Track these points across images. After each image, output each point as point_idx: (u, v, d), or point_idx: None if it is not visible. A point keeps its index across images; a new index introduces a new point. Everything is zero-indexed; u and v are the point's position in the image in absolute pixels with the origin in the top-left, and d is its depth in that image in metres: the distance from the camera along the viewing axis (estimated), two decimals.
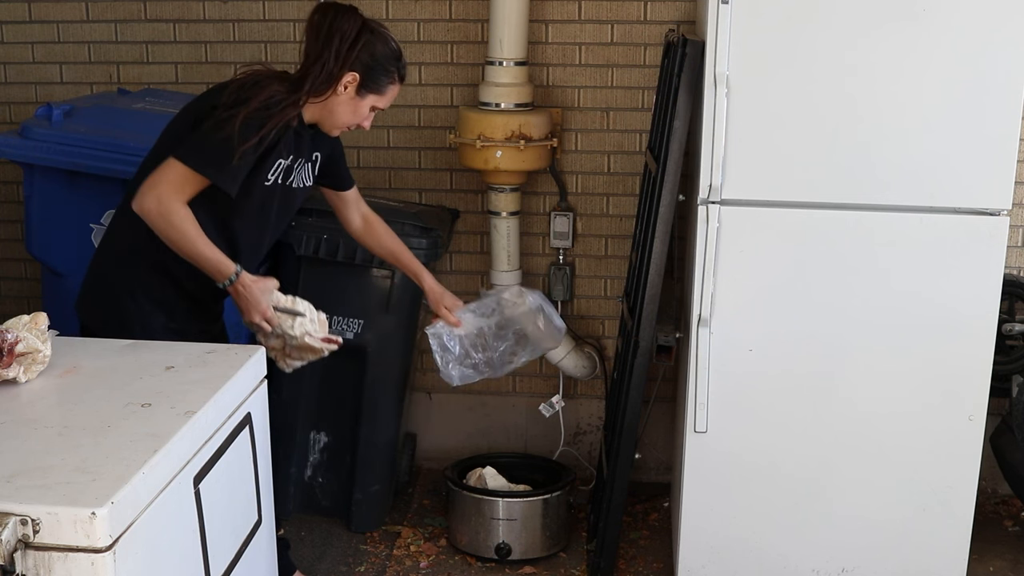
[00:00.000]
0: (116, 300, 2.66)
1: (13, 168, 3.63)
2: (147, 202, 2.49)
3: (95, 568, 1.59)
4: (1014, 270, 3.82)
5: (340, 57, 2.57)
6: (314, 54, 2.58)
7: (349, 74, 2.60)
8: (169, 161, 2.50)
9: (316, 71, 2.57)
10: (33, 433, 1.85)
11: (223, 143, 2.47)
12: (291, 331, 2.67)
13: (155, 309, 2.66)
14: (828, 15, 2.88)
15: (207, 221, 2.57)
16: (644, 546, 3.65)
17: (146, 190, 2.50)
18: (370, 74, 2.62)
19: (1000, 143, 2.90)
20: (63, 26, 3.98)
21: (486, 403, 4.12)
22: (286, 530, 3.57)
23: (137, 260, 2.64)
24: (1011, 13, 2.81)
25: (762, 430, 3.12)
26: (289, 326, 2.67)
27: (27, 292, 4.15)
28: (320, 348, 2.72)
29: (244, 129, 2.48)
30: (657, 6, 3.76)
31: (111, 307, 2.67)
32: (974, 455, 3.08)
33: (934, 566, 3.17)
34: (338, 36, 2.57)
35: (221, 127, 2.47)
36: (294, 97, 2.57)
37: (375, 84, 2.64)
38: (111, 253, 2.70)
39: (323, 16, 2.60)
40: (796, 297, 3.04)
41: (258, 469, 2.27)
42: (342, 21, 2.58)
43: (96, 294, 2.70)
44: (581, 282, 4.01)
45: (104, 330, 2.58)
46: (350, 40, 2.57)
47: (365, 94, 2.64)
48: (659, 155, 3.18)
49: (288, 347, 2.72)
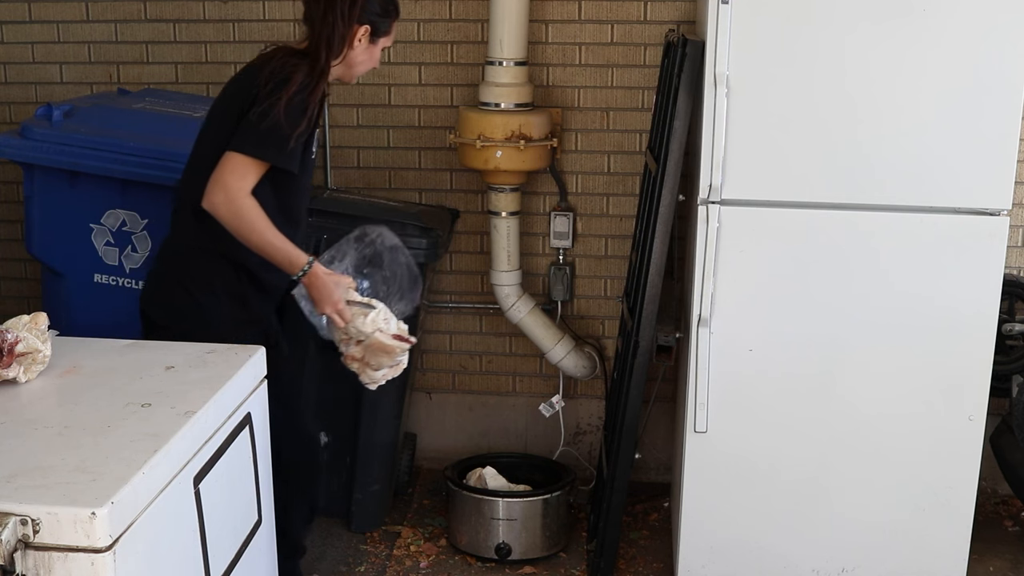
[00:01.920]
0: (192, 294, 2.69)
1: (13, 168, 3.63)
2: (216, 200, 2.55)
3: (95, 568, 1.59)
4: (1014, 270, 3.82)
5: (346, 16, 2.66)
6: (320, 20, 2.65)
7: (359, 28, 2.69)
8: (228, 156, 2.55)
9: (329, 37, 2.64)
10: (33, 433, 1.86)
11: (275, 127, 2.54)
12: (363, 327, 2.67)
13: (231, 301, 2.71)
14: (828, 15, 2.88)
15: (270, 206, 2.63)
16: (644, 546, 3.65)
17: (213, 188, 2.55)
18: (377, 21, 2.73)
19: (1000, 143, 2.90)
20: (63, 26, 3.98)
21: (486, 403, 4.12)
22: None
23: (211, 255, 2.68)
24: (1011, 13, 2.81)
25: (762, 430, 3.12)
26: (361, 322, 2.68)
27: (27, 292, 4.15)
28: (392, 346, 2.71)
29: (289, 112, 2.55)
30: (657, 6, 3.76)
31: (187, 302, 2.69)
32: (974, 455, 3.08)
33: (934, 566, 3.17)
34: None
35: (268, 113, 2.54)
36: (319, 68, 2.64)
37: (383, 27, 2.76)
38: (181, 250, 2.72)
39: None
40: (796, 297, 3.04)
41: (258, 469, 2.27)
42: None
43: (170, 290, 2.71)
44: (581, 282, 4.01)
45: (179, 323, 2.65)
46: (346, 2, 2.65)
47: (376, 39, 2.76)
48: (659, 155, 3.18)
49: (367, 354, 2.72)
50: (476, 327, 4.04)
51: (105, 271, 3.30)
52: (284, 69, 2.59)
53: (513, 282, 3.87)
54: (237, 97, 2.64)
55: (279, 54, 2.65)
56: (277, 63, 2.60)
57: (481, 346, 4.08)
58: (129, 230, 3.26)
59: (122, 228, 3.26)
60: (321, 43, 2.64)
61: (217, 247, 2.65)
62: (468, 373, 4.12)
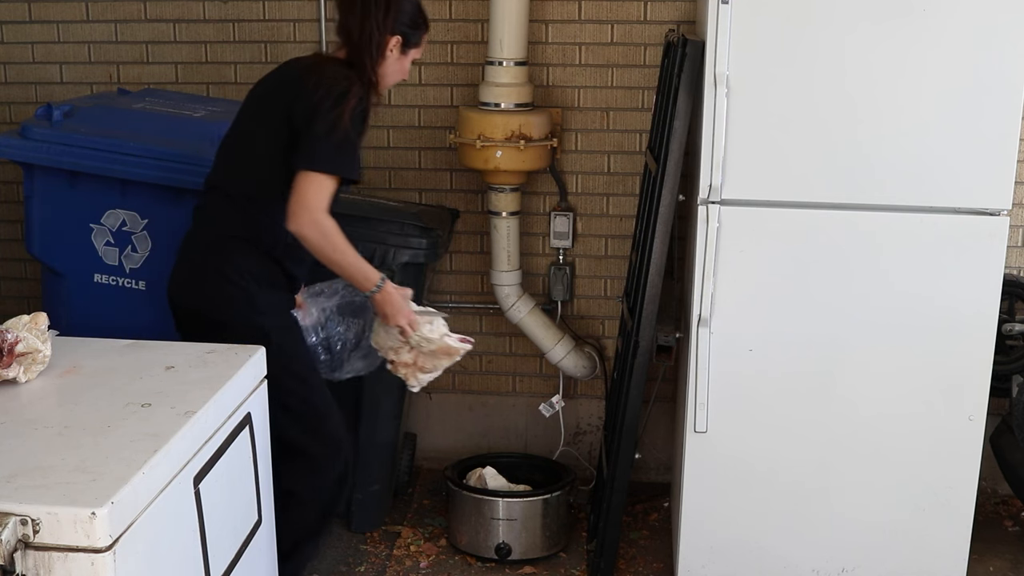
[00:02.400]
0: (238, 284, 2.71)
1: (13, 168, 3.63)
2: (302, 222, 2.61)
3: (95, 568, 1.59)
4: (1014, 270, 3.82)
5: (380, 26, 2.71)
6: (358, 30, 2.71)
7: (392, 38, 2.75)
8: (305, 176, 2.60)
9: (367, 46, 2.71)
10: (33, 433, 1.86)
11: (344, 140, 2.62)
12: (430, 334, 2.80)
13: (272, 291, 2.76)
14: (828, 15, 2.88)
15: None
16: (644, 546, 3.65)
17: (298, 211, 2.60)
18: (408, 33, 2.79)
19: (1000, 143, 2.90)
20: (63, 26, 3.98)
21: (486, 403, 4.13)
22: None
23: (252, 245, 2.72)
24: (1011, 13, 2.81)
25: (762, 430, 3.12)
26: (428, 329, 2.80)
27: (27, 292, 4.15)
28: (459, 348, 2.86)
29: (354, 123, 2.63)
30: (657, 6, 3.76)
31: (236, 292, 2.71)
32: (974, 455, 3.08)
33: (934, 566, 3.17)
34: (372, 7, 2.70)
35: (335, 127, 2.60)
36: (367, 77, 2.71)
37: (414, 39, 2.82)
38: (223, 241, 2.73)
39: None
40: (796, 297, 3.04)
41: (258, 469, 2.27)
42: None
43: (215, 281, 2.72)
44: (581, 282, 4.01)
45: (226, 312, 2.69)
46: (383, 8, 2.71)
47: (407, 50, 2.81)
48: (659, 155, 3.18)
49: (420, 358, 2.84)
50: (476, 327, 4.04)
51: (105, 271, 3.30)
52: (339, 81, 2.64)
53: (513, 282, 3.87)
54: (282, 101, 2.68)
55: (325, 65, 2.71)
56: (329, 75, 2.65)
57: (481, 346, 4.07)
58: (129, 230, 3.26)
59: (122, 228, 3.26)
60: (364, 53, 2.71)
61: (257, 239, 2.70)
62: (468, 373, 4.12)
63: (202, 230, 2.80)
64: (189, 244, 2.82)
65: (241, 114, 2.82)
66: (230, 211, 2.73)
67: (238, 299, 2.70)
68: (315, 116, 2.60)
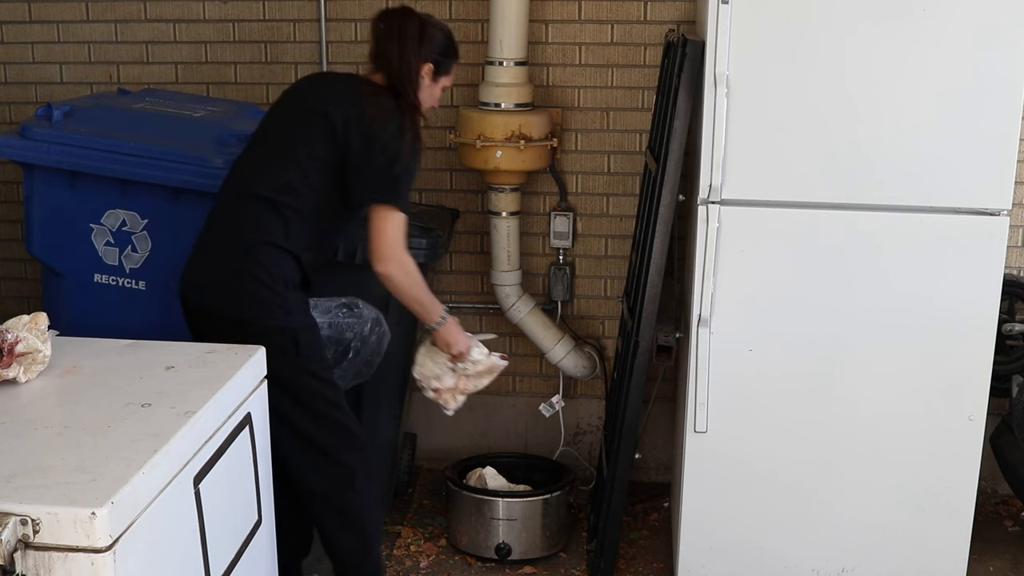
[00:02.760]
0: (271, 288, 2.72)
1: (13, 168, 3.63)
2: (393, 267, 2.77)
3: (95, 568, 1.59)
4: (1014, 270, 3.82)
5: (416, 55, 2.82)
6: (397, 59, 2.80)
7: (424, 66, 2.84)
8: (384, 214, 2.73)
9: (406, 74, 2.80)
10: (33, 433, 1.86)
11: (407, 173, 2.77)
12: (478, 356, 3.02)
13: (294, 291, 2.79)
14: (828, 15, 2.88)
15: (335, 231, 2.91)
16: (644, 546, 3.65)
17: (386, 253, 2.75)
18: (439, 60, 2.89)
19: (1000, 143, 2.90)
20: (63, 26, 3.98)
21: (486, 403, 4.12)
22: None
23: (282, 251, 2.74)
24: (1011, 13, 2.81)
25: (762, 430, 3.12)
26: (476, 352, 3.02)
27: (27, 292, 4.15)
28: (501, 365, 3.07)
29: (413, 156, 2.78)
30: (657, 6, 3.76)
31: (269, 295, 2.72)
32: (974, 455, 3.08)
33: (934, 566, 3.17)
34: (408, 37, 2.81)
35: (398, 160, 2.73)
36: (411, 105, 2.81)
37: (445, 67, 2.92)
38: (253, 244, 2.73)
39: (388, 22, 2.84)
40: (796, 297, 3.04)
41: (258, 469, 2.27)
42: (405, 22, 2.83)
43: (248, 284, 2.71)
44: (581, 282, 4.01)
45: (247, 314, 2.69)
46: (417, 38, 2.81)
47: (438, 78, 2.91)
48: (659, 155, 3.18)
49: (463, 381, 3.05)
50: (476, 327, 4.04)
51: (105, 271, 3.30)
52: (395, 114, 2.75)
53: (513, 282, 3.87)
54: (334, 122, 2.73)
55: (381, 96, 2.77)
56: (386, 108, 2.75)
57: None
58: (129, 230, 3.26)
59: (122, 228, 3.26)
60: (406, 83, 2.80)
61: (295, 248, 2.75)
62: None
63: (233, 233, 2.77)
64: (215, 245, 2.79)
65: (278, 122, 2.85)
66: (272, 219, 2.73)
67: (271, 302, 2.70)
68: (382, 150, 2.71)
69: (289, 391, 2.66)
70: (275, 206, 2.72)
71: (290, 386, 2.66)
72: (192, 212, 3.18)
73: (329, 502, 2.85)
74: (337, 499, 2.84)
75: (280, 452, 2.57)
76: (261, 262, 2.71)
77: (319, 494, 2.83)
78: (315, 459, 2.79)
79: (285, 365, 2.60)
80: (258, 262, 2.71)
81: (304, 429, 2.74)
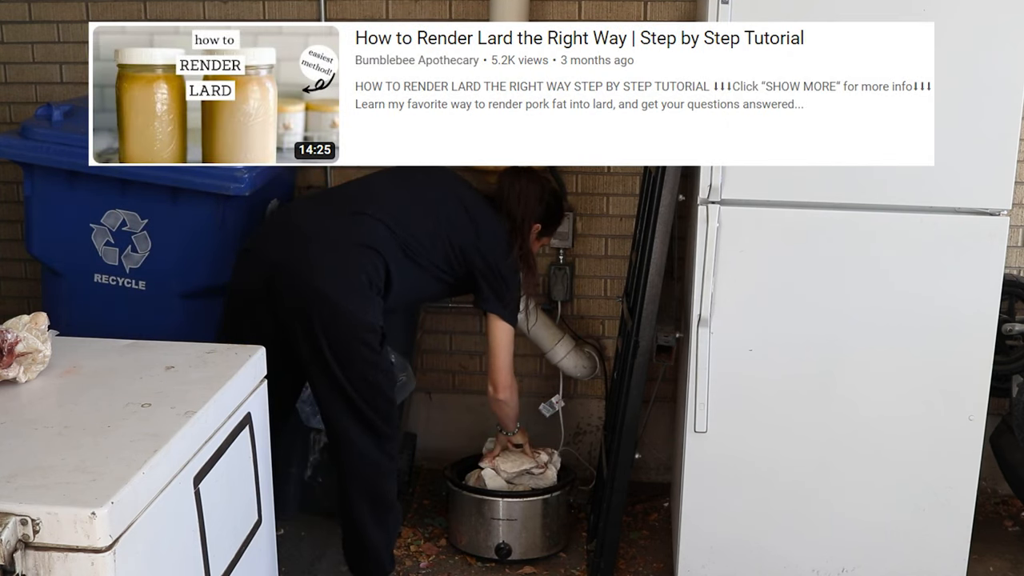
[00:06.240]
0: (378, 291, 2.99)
1: (13, 168, 3.63)
2: (509, 393, 3.36)
3: (95, 568, 1.59)
4: (1014, 270, 3.82)
5: (532, 211, 3.29)
6: (520, 214, 3.26)
7: (536, 225, 3.33)
8: (502, 328, 3.24)
9: (522, 227, 3.26)
10: (33, 433, 1.86)
11: (517, 301, 3.29)
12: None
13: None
14: (828, 15, 2.87)
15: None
16: (644, 546, 3.65)
17: (506, 382, 3.32)
18: (548, 223, 3.40)
19: (1000, 143, 2.90)
20: (63, 26, 3.98)
21: (486, 403, 4.10)
22: (286, 530, 3.57)
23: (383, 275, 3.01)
24: (1011, 13, 2.81)
25: (762, 430, 3.12)
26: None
27: (27, 292, 4.14)
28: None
29: (518, 287, 3.28)
30: (657, 6, 3.76)
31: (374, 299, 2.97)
32: (974, 455, 3.08)
33: (934, 566, 3.17)
34: (530, 198, 3.28)
35: (511, 280, 3.22)
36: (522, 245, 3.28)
37: (551, 228, 3.44)
38: (372, 262, 2.97)
39: (513, 180, 3.29)
40: (796, 297, 3.04)
41: (258, 469, 2.27)
42: (529, 185, 3.29)
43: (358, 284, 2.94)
44: (581, 282, 4.01)
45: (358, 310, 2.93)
46: (536, 200, 3.30)
47: (543, 236, 3.42)
48: None
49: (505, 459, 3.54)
50: (476, 327, 4.04)
51: (105, 271, 3.30)
52: (513, 247, 3.21)
53: None
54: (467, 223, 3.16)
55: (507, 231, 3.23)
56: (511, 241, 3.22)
57: (481, 346, 4.07)
58: (129, 230, 3.26)
59: (122, 228, 3.26)
60: (525, 228, 3.27)
61: (392, 269, 3.01)
62: (468, 373, 4.12)
63: (357, 245, 2.97)
64: (342, 248, 2.95)
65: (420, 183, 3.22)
66: (392, 247, 3.00)
67: (377, 305, 2.96)
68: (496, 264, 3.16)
69: (361, 381, 2.93)
70: (403, 247, 3.02)
71: (368, 378, 2.93)
72: (192, 212, 3.19)
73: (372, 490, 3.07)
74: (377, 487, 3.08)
75: (341, 425, 2.95)
76: (372, 276, 2.95)
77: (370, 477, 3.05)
78: (375, 439, 3.01)
79: (368, 357, 2.91)
80: (373, 274, 2.95)
81: (365, 411, 2.97)
